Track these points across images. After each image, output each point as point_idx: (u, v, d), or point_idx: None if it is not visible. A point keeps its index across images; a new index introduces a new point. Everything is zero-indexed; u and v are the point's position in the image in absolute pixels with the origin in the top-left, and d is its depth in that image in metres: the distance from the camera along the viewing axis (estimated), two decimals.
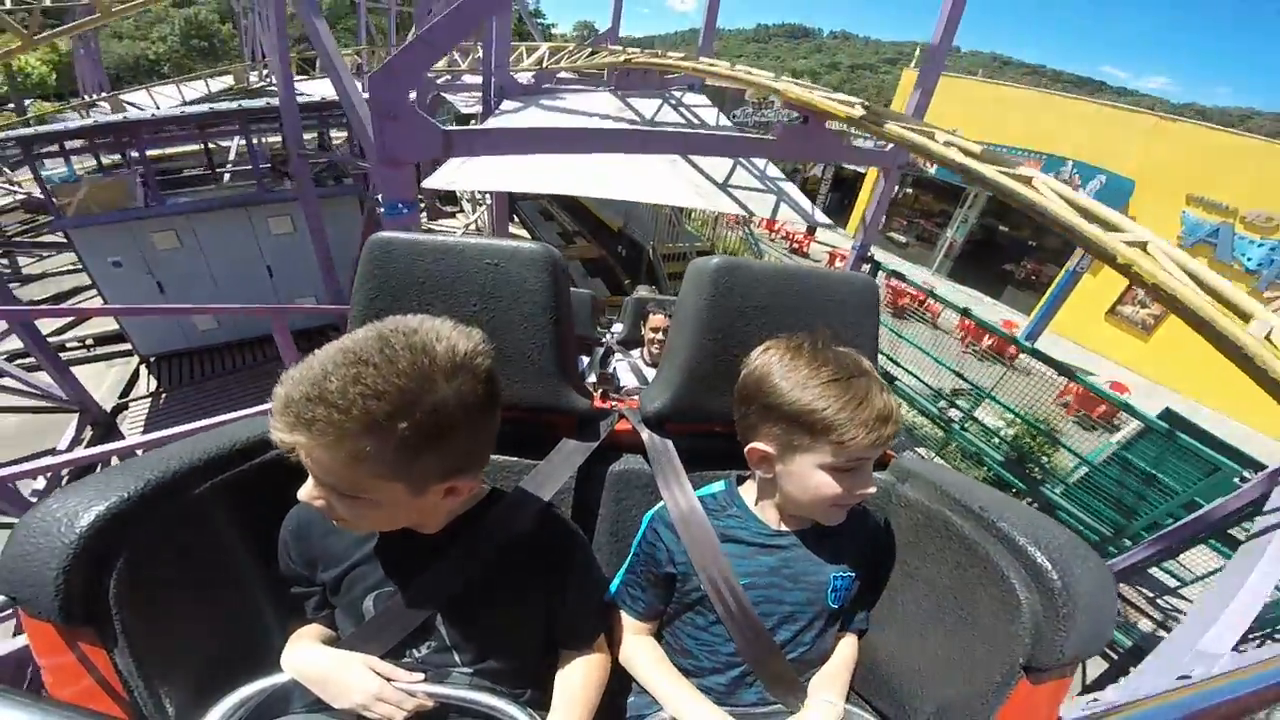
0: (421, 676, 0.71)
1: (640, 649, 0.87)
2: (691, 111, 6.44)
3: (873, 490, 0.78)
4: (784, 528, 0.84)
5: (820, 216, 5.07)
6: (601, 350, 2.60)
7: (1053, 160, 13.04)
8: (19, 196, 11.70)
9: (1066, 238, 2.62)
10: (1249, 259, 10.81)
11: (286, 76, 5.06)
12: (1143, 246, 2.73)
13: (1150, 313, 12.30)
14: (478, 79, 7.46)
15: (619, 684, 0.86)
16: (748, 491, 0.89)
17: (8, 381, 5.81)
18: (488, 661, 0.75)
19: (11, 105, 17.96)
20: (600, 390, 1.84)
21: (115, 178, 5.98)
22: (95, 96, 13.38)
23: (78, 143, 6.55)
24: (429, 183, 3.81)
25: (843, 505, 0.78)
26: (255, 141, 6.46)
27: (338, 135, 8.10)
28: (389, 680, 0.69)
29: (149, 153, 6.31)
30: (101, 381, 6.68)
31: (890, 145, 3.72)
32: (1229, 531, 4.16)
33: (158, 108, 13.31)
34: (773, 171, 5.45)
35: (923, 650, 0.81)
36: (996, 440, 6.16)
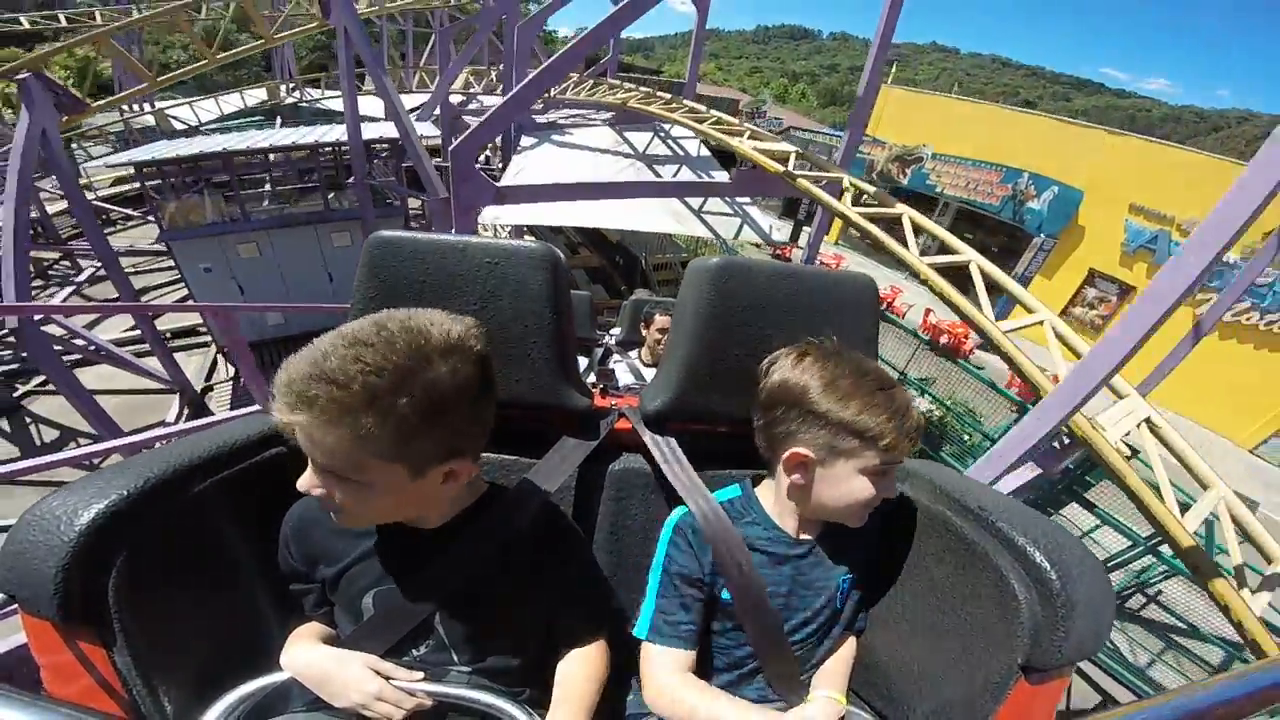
0: (421, 675, 0.71)
1: (689, 686, 0.79)
2: (678, 143, 7.74)
3: (896, 493, 0.80)
4: (804, 535, 0.85)
5: (777, 235, 6.38)
6: (600, 351, 2.70)
7: (1011, 172, 14.04)
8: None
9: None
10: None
11: (355, 125, 6.40)
12: (966, 266, 4.10)
13: (1099, 314, 13.37)
14: (492, 100, 8.73)
15: (619, 683, 0.86)
16: (765, 497, 0.88)
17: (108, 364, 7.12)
18: (486, 660, 0.75)
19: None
20: (600, 388, 1.90)
21: (194, 196, 7.32)
22: (146, 110, 14.61)
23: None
24: (481, 219, 5.11)
25: (871, 507, 0.79)
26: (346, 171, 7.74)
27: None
28: (388, 679, 0.69)
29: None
30: (186, 368, 8.03)
31: (824, 180, 4.98)
32: (1073, 487, 5.49)
33: (199, 121, 14.63)
34: (742, 197, 6.75)
35: (921, 650, 0.81)
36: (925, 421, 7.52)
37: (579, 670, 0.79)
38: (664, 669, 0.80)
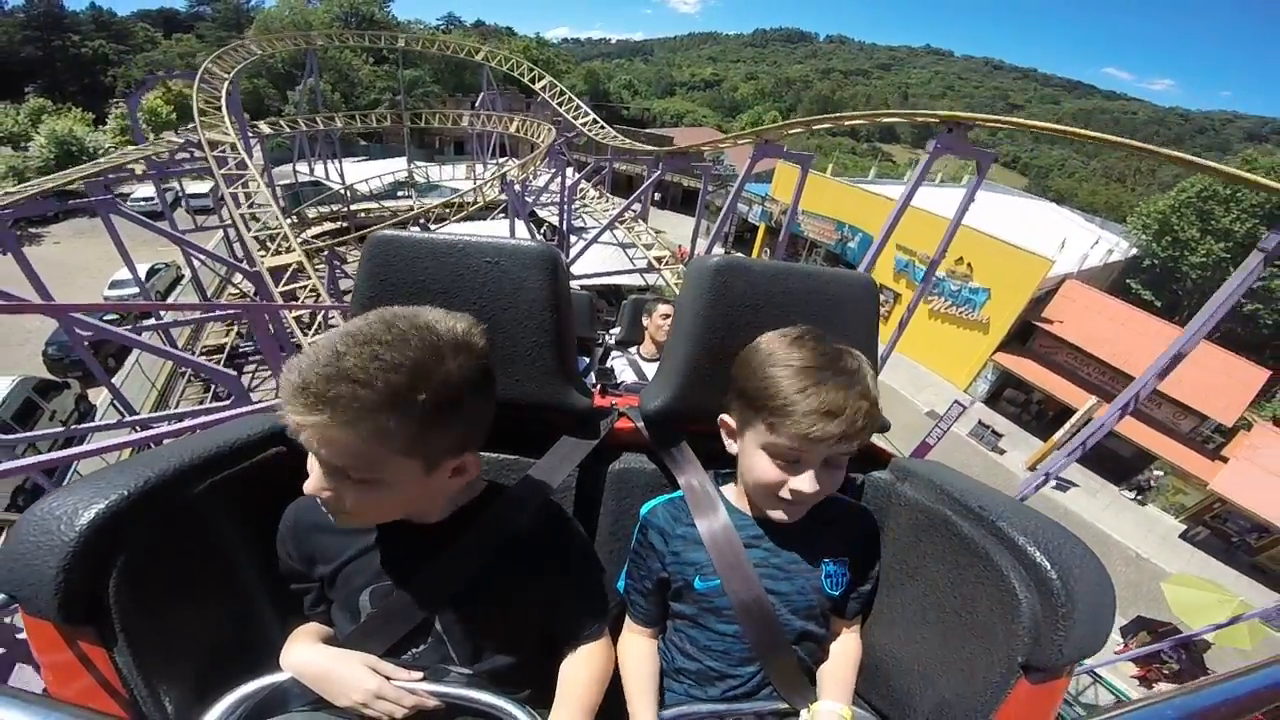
0: (421, 675, 0.71)
1: (632, 648, 0.87)
2: (639, 235, 18.15)
3: (811, 491, 0.74)
4: (774, 516, 0.83)
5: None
6: (601, 350, 2.82)
7: (839, 224, 21.10)
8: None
9: None
10: (920, 280, 18.97)
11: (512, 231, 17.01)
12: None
13: (884, 311, 20.45)
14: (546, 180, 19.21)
15: (621, 684, 0.86)
16: (729, 487, 0.91)
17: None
18: (485, 659, 0.76)
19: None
20: (600, 386, 1.89)
21: None
22: (342, 186, 23.18)
23: None
24: None
25: (783, 501, 0.76)
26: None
27: None
28: (388, 679, 0.69)
29: None
30: None
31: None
32: None
33: (365, 183, 23.78)
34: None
35: (922, 649, 0.81)
36: None
37: (581, 671, 0.79)
38: (627, 628, 0.91)
